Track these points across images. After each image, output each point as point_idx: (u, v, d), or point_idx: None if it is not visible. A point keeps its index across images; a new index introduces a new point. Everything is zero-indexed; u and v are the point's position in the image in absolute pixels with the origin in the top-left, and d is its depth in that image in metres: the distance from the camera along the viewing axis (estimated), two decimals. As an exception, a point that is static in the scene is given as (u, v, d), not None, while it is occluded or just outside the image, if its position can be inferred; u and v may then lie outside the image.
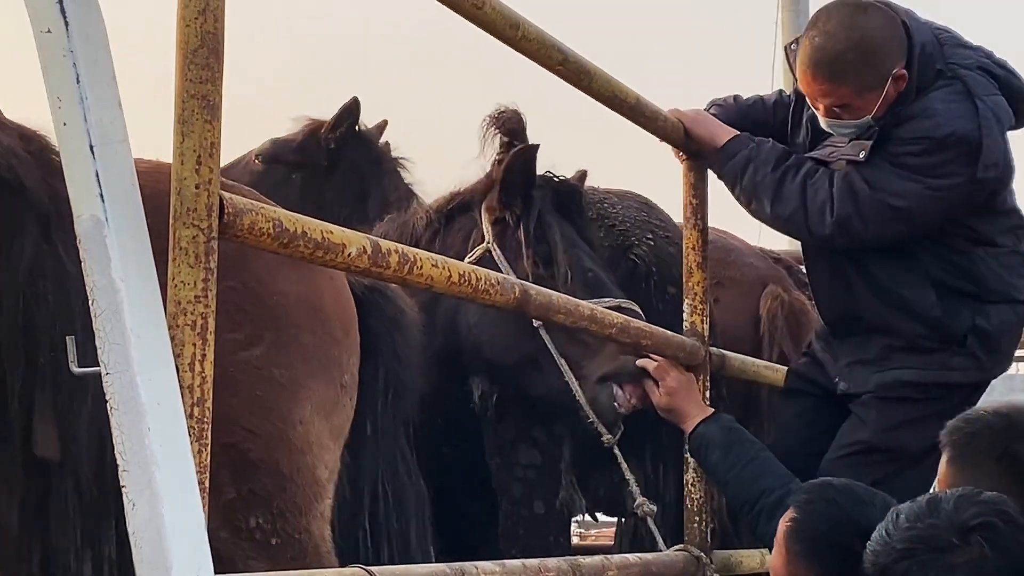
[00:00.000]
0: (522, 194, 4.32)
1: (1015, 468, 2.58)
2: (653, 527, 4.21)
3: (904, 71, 3.75)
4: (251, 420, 3.20)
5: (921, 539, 2.39)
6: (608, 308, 3.90)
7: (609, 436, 4.16)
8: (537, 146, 4.38)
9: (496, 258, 4.28)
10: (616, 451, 4.20)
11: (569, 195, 4.49)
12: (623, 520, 5.05)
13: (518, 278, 4.06)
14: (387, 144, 5.35)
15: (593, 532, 8.05)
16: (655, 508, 4.27)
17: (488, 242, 4.31)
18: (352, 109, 5.17)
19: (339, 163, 5.36)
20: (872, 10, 3.75)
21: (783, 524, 2.94)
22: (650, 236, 4.77)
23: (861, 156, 3.79)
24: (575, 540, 6.27)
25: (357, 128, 5.29)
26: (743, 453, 3.88)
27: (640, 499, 4.18)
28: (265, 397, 3.22)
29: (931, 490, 2.90)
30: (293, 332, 3.30)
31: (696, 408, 4.02)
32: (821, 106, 3.81)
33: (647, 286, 4.66)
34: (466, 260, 4.25)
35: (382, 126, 5.26)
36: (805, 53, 3.74)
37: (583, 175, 4.73)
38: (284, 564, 3.14)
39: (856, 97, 3.74)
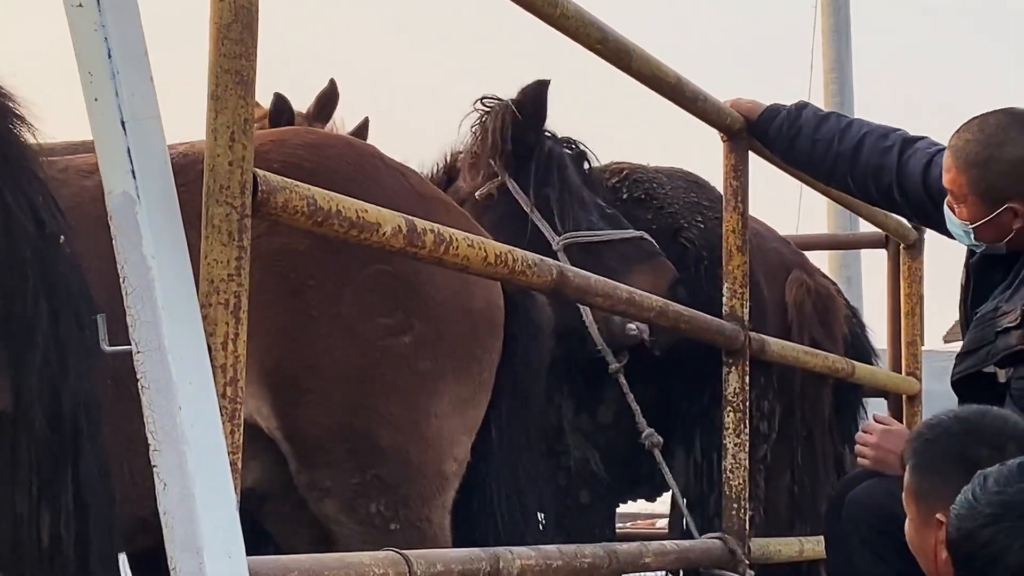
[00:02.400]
0: (534, 129, 4.29)
1: (971, 472, 2.42)
2: (660, 460, 4.14)
3: (1023, 207, 3.42)
4: (388, 407, 3.18)
5: (1010, 504, 2.28)
6: (628, 239, 3.82)
7: (615, 364, 4.11)
8: (548, 81, 4.34)
9: (512, 189, 4.26)
10: (621, 379, 4.15)
11: (581, 159, 4.47)
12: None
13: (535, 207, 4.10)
14: (366, 119, 5.19)
15: (628, 524, 8.03)
16: (661, 440, 4.21)
17: (503, 177, 4.28)
18: (332, 95, 5.02)
19: None
20: None
21: (906, 476, 2.72)
22: (700, 218, 4.71)
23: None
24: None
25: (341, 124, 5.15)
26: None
27: (648, 430, 4.13)
28: (405, 386, 3.21)
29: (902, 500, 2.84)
30: (442, 325, 3.29)
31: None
32: (946, 187, 3.61)
33: (697, 271, 4.61)
34: (476, 194, 4.25)
35: (365, 124, 5.10)
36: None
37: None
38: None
39: (965, 195, 3.49)
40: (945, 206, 3.60)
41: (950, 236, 3.83)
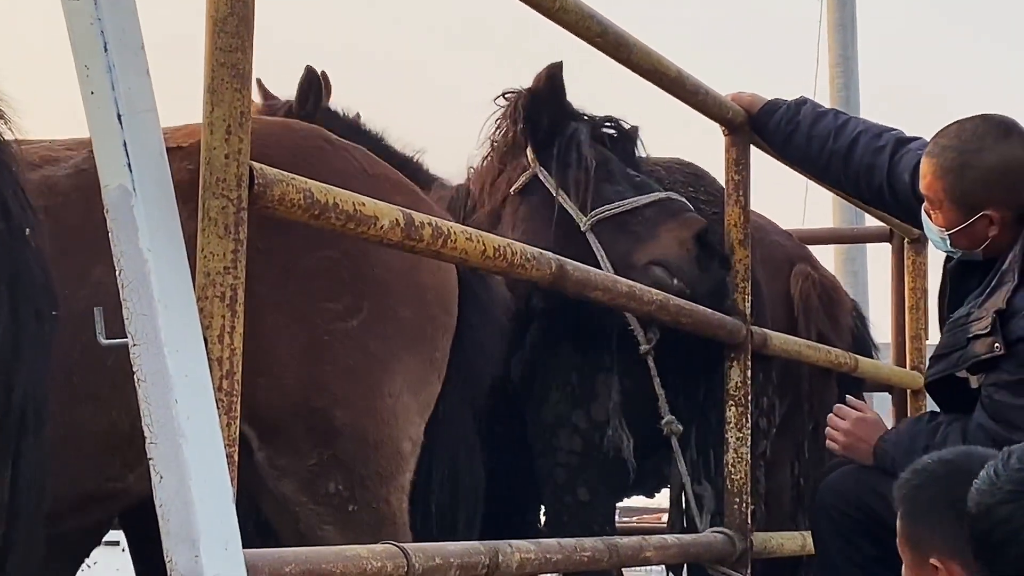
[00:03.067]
0: (552, 113, 4.27)
1: (962, 516, 2.42)
2: (677, 449, 4.14)
3: (998, 215, 3.42)
4: (341, 387, 3.21)
5: None
6: (655, 201, 3.91)
7: (645, 345, 4.11)
8: (561, 63, 4.34)
9: (541, 176, 4.26)
10: (650, 362, 4.14)
11: (626, 138, 4.46)
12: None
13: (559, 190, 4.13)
14: (358, 115, 5.08)
15: (633, 519, 8.03)
16: (681, 428, 4.20)
17: (532, 166, 4.28)
18: (312, 81, 4.88)
19: None
20: (1014, 139, 3.47)
21: (899, 524, 2.70)
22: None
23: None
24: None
25: (324, 102, 5.02)
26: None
27: (668, 416, 4.12)
28: (358, 367, 3.23)
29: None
30: (392, 305, 3.30)
31: None
32: (923, 193, 3.60)
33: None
34: (512, 190, 4.26)
35: (356, 118, 5.02)
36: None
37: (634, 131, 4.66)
38: (360, 531, 3.16)
39: (941, 201, 3.49)
40: (923, 212, 3.60)
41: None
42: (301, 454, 3.19)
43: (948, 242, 3.53)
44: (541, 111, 4.33)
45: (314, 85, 4.80)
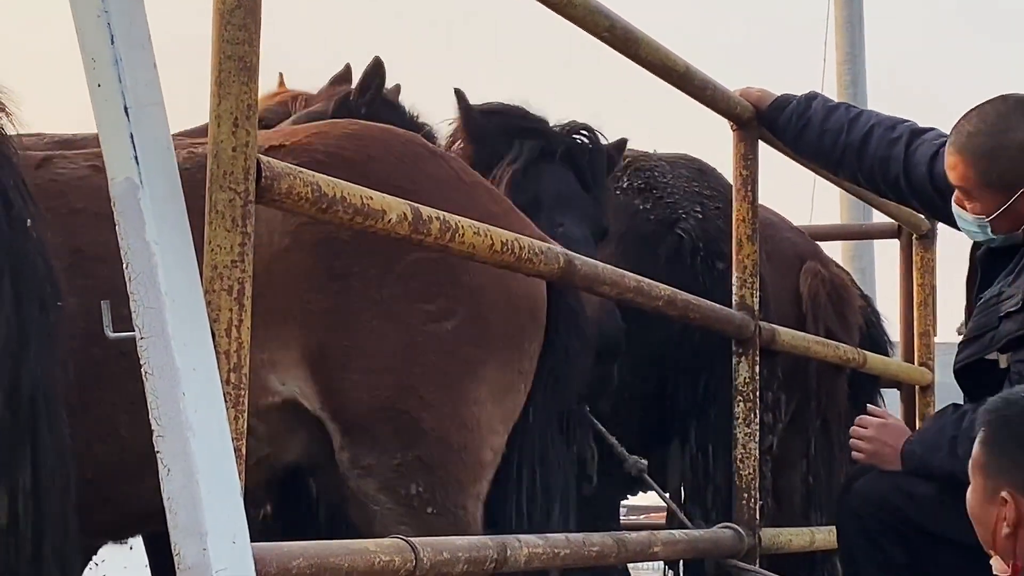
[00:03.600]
0: (504, 141, 4.24)
1: None
2: (651, 482, 4.14)
3: None
4: (429, 391, 3.24)
5: None
6: None
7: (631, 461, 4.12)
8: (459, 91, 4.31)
9: None
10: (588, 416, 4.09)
11: (584, 152, 4.37)
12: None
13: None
14: (413, 108, 5.13)
15: (642, 516, 8.03)
16: (646, 463, 4.18)
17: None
18: (377, 71, 4.90)
19: None
20: None
21: (975, 446, 2.68)
22: (699, 209, 4.67)
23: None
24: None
25: (384, 91, 5.05)
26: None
27: (631, 458, 4.11)
28: (447, 372, 3.26)
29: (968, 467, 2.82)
30: (484, 312, 3.33)
31: None
32: (954, 185, 3.57)
33: (693, 262, 4.58)
34: None
35: (396, 90, 5.03)
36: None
37: (622, 143, 4.60)
38: (435, 534, 3.13)
39: (975, 188, 3.46)
40: (954, 205, 3.56)
41: (958, 228, 3.81)
42: (386, 454, 3.22)
43: (989, 228, 3.48)
44: (481, 133, 4.28)
45: (379, 75, 4.84)
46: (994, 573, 2.60)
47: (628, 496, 5.36)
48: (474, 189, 3.46)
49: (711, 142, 5.15)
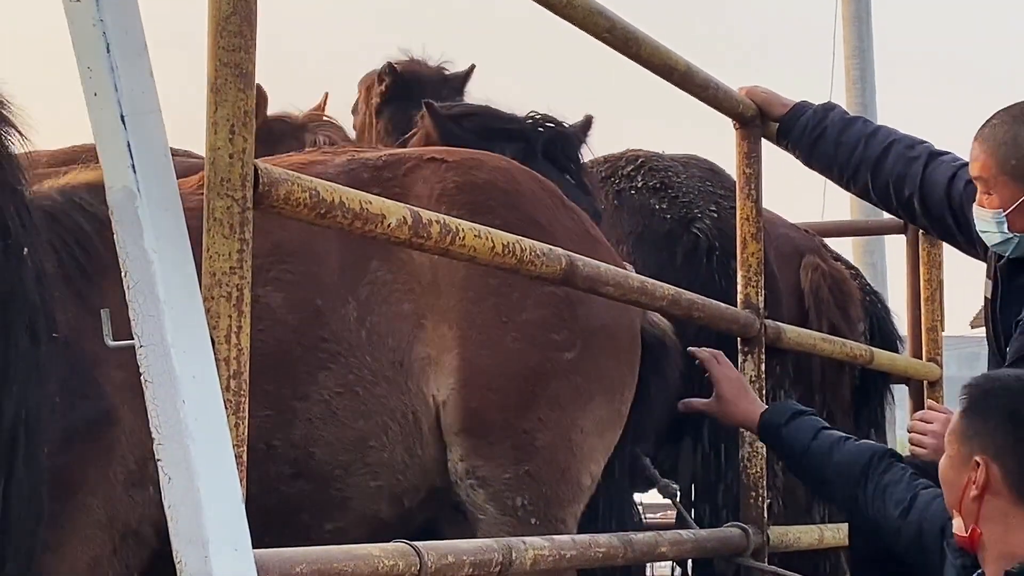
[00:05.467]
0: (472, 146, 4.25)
1: (1019, 428, 2.77)
2: (679, 507, 4.17)
3: None
4: (547, 412, 3.44)
5: None
6: None
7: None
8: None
9: None
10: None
11: (557, 141, 4.37)
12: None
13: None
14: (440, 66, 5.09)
15: (658, 515, 8.01)
16: (677, 487, 4.21)
17: None
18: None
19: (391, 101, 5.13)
20: None
21: (953, 415, 2.92)
22: (714, 208, 4.67)
23: None
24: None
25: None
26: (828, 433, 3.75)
27: (662, 481, 4.12)
28: (563, 396, 3.47)
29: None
30: (598, 350, 3.55)
31: (753, 405, 3.84)
32: (974, 179, 3.55)
33: (709, 261, 4.58)
34: None
35: (324, 99, 5.04)
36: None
37: (588, 121, 4.58)
38: None
39: (994, 177, 3.43)
40: (974, 208, 3.53)
41: (967, 252, 3.79)
42: (500, 467, 3.39)
43: (1005, 224, 3.44)
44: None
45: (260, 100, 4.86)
46: (953, 533, 2.85)
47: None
48: (583, 219, 3.69)
49: (712, 143, 5.16)
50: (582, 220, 3.71)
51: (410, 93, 4.90)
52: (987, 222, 3.49)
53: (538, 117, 4.38)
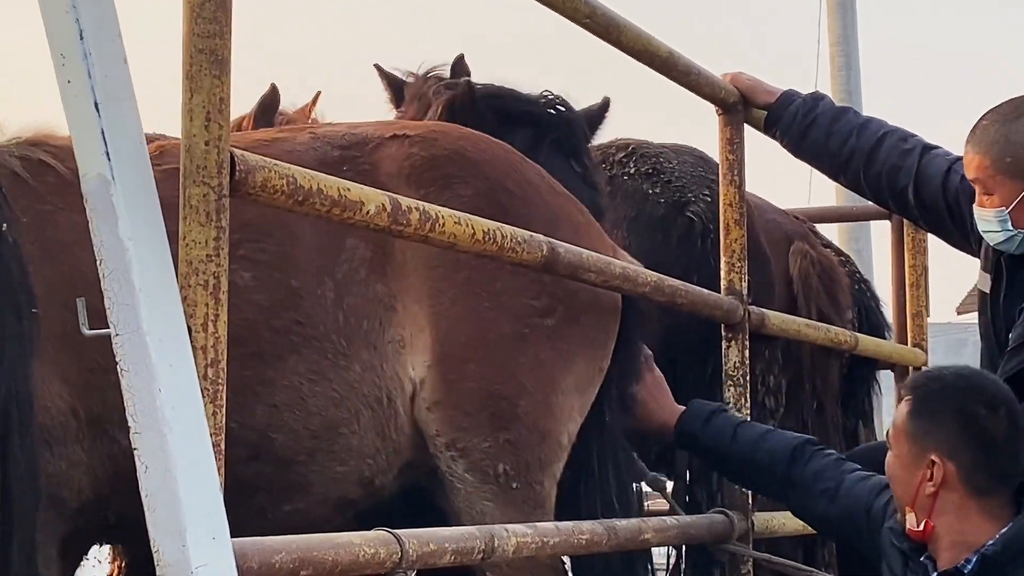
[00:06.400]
0: (497, 135, 4.22)
1: (968, 425, 2.93)
2: (669, 499, 4.16)
3: None
4: (529, 379, 3.42)
5: None
6: None
7: None
8: (469, 82, 4.26)
9: None
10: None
11: (567, 131, 4.35)
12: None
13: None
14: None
15: (648, 503, 8.00)
16: (666, 480, 4.22)
17: None
18: (271, 101, 4.89)
19: None
20: None
21: (899, 414, 3.04)
22: (707, 192, 4.66)
23: None
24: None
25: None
26: (749, 428, 3.81)
27: (651, 474, 4.12)
28: (545, 362, 3.45)
29: (886, 434, 3.16)
30: (578, 312, 3.52)
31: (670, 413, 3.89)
32: (971, 181, 3.56)
33: (703, 244, 4.57)
34: None
35: (315, 98, 5.00)
36: None
37: (606, 103, 4.58)
38: (516, 509, 3.37)
39: (991, 177, 3.45)
40: (975, 208, 3.53)
41: (959, 246, 3.80)
42: (479, 436, 3.37)
43: (1009, 222, 3.45)
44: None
45: (273, 104, 4.83)
46: (907, 527, 3.00)
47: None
48: (565, 199, 3.66)
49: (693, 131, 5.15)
50: (544, 176, 3.64)
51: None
52: (989, 221, 3.50)
53: (551, 97, 4.36)
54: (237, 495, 3.14)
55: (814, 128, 4.08)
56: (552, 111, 4.33)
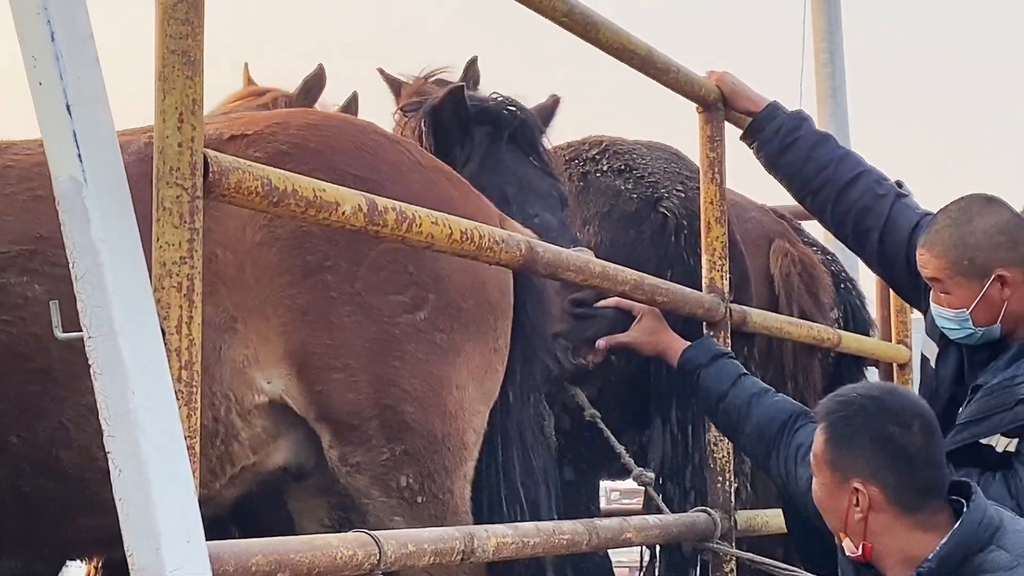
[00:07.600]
0: (459, 135, 4.22)
1: (887, 448, 2.92)
2: (654, 495, 4.16)
3: (1009, 274, 3.42)
4: (411, 382, 3.27)
5: None
6: None
7: (591, 411, 4.13)
8: (462, 86, 4.28)
9: None
10: (599, 423, 4.15)
11: (522, 126, 4.35)
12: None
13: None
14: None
15: (635, 501, 8.02)
16: (652, 476, 4.21)
17: None
18: (318, 79, 4.90)
19: None
20: (997, 205, 3.51)
21: (817, 443, 3.03)
22: (680, 188, 4.65)
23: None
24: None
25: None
26: (749, 382, 3.78)
27: (636, 469, 4.12)
28: (426, 360, 3.29)
29: (807, 461, 3.14)
30: (454, 296, 3.35)
31: (676, 340, 3.93)
32: (929, 281, 3.59)
33: (677, 240, 4.57)
34: None
35: (354, 98, 5.01)
36: None
37: (555, 101, 4.59)
38: (426, 521, 3.27)
39: (950, 278, 3.49)
40: (932, 304, 3.58)
41: (905, 297, 3.98)
42: (375, 450, 3.27)
43: (970, 322, 3.50)
44: (443, 127, 4.23)
45: (319, 82, 4.86)
46: (846, 554, 2.99)
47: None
48: (433, 174, 3.48)
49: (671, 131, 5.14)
50: (411, 152, 3.48)
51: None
52: (949, 320, 3.54)
53: (500, 99, 4.36)
54: (25, 511, 3.16)
55: (793, 149, 4.08)
56: (506, 111, 4.34)
